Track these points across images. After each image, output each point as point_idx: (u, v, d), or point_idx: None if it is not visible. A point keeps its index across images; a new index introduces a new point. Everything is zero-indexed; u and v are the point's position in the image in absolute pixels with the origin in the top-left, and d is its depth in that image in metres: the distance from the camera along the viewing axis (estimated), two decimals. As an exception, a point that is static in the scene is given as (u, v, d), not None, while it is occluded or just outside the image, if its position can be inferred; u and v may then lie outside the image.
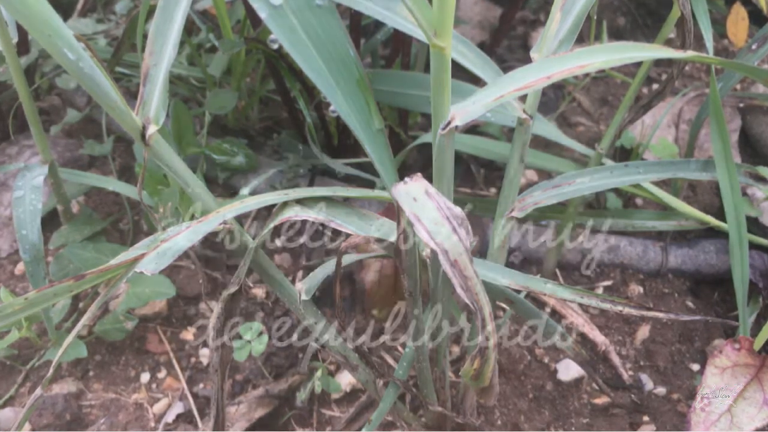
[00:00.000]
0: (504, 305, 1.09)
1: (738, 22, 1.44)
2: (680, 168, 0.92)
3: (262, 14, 0.61)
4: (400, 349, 1.10)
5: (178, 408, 1.04)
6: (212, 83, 1.29)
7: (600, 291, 1.18)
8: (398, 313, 1.14)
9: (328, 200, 0.74)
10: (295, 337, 1.09)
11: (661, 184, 1.16)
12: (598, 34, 1.58)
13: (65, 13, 1.56)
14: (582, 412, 1.03)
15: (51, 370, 0.68)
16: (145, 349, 1.10)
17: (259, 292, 1.17)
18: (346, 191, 0.76)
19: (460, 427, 0.94)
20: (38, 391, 0.68)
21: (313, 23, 0.62)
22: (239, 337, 1.05)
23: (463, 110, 0.58)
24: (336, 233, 1.25)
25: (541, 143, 1.40)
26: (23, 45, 1.29)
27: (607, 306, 0.75)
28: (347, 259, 0.83)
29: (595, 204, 1.29)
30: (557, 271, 1.20)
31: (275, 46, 1.10)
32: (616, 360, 1.08)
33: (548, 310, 1.16)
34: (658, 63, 1.63)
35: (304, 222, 1.19)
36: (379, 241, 0.70)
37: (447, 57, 0.58)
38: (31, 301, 0.62)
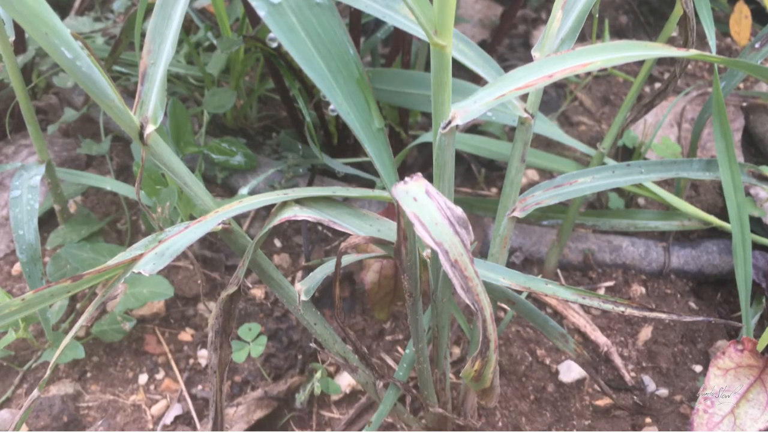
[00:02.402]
0: (505, 306, 1.08)
1: (741, 20, 1.43)
2: (683, 167, 0.92)
3: (261, 12, 0.60)
4: (400, 350, 1.10)
5: (176, 409, 1.03)
6: (210, 82, 1.28)
7: (602, 291, 1.17)
8: (398, 314, 1.13)
9: (328, 200, 0.73)
10: (294, 338, 1.08)
11: (664, 183, 1.16)
12: (600, 32, 1.58)
13: (62, 11, 1.55)
14: (584, 413, 1.02)
15: (48, 372, 0.67)
16: (143, 351, 1.09)
17: (258, 292, 1.16)
18: (345, 191, 0.75)
19: (460, 428, 0.94)
20: (35, 392, 0.67)
21: (312, 21, 0.61)
22: (238, 338, 1.04)
23: (464, 109, 0.58)
24: (336, 233, 1.24)
25: (543, 142, 1.40)
26: (20, 43, 1.29)
27: (609, 307, 0.75)
28: (347, 259, 0.83)
29: (597, 204, 1.29)
30: (558, 271, 1.20)
31: (274, 45, 1.09)
32: (618, 361, 1.07)
33: (549, 311, 1.15)
34: (661, 62, 1.63)
35: (303, 222, 1.19)
36: (379, 241, 0.69)
37: (448, 55, 0.57)
38: (28, 302, 0.62)
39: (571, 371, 1.06)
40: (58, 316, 1.06)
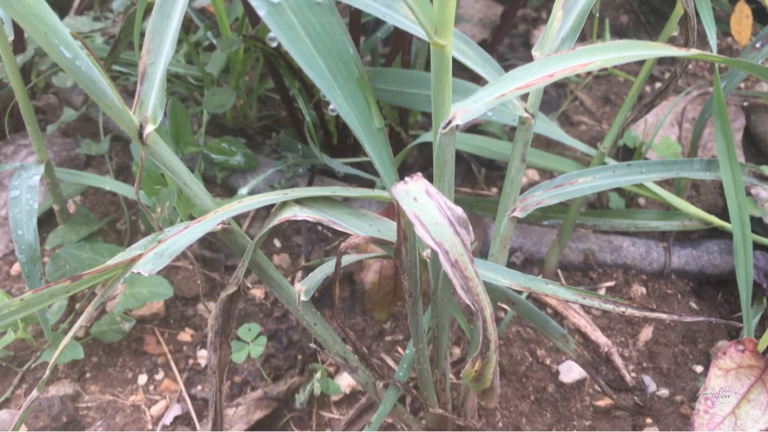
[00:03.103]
0: (505, 306, 1.08)
1: (742, 20, 1.43)
2: (683, 167, 0.91)
3: (261, 12, 0.60)
4: (400, 350, 1.09)
5: (175, 410, 1.03)
6: (210, 82, 1.28)
7: (602, 292, 1.17)
8: (398, 314, 1.13)
9: (328, 200, 0.73)
10: (294, 338, 1.08)
11: (664, 183, 1.15)
12: (601, 32, 1.57)
13: (62, 10, 1.55)
14: (584, 414, 1.02)
15: (47, 372, 0.67)
16: (142, 351, 1.09)
17: (257, 292, 1.16)
18: (345, 191, 0.75)
19: (460, 429, 0.94)
20: (34, 393, 0.67)
21: (312, 21, 0.61)
22: (237, 338, 1.04)
23: (464, 109, 0.58)
24: (336, 233, 1.24)
25: (543, 142, 1.40)
26: (19, 43, 1.28)
27: (609, 307, 0.74)
28: (347, 259, 0.83)
29: (597, 204, 1.29)
30: (559, 271, 1.19)
31: (274, 45, 1.09)
32: (618, 361, 1.07)
33: (550, 311, 1.15)
34: (661, 61, 1.63)
35: (303, 222, 1.18)
36: (379, 241, 0.69)
37: (448, 55, 0.57)
38: (27, 302, 0.61)
39: (571, 372, 1.06)
40: (58, 317, 1.06)
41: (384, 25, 1.29)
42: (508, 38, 1.67)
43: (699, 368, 1.07)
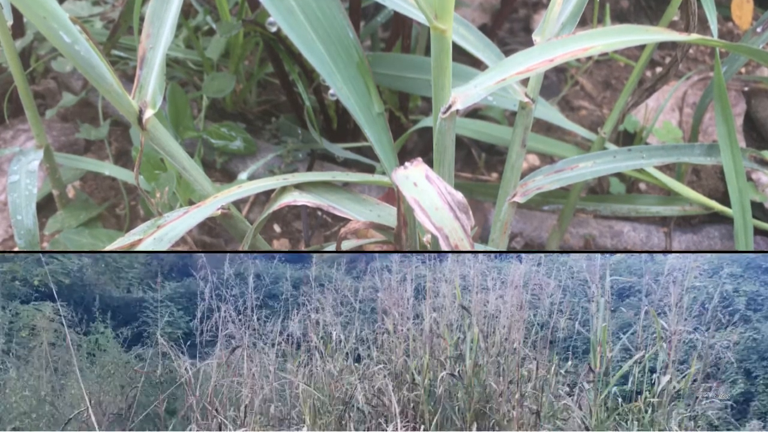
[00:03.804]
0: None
1: (743, 4, 1.42)
2: (684, 152, 0.91)
3: (260, -5, 0.60)
4: (400, 335, 1.10)
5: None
6: (210, 66, 1.27)
7: (601, 276, 1.17)
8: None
9: (328, 185, 0.73)
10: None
11: (665, 168, 1.15)
12: (601, 16, 1.57)
13: (61, -5, 1.54)
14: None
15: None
16: (143, 335, 1.09)
17: (258, 277, 1.16)
18: (345, 176, 0.75)
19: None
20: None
21: (312, 5, 0.61)
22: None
23: (465, 94, 0.58)
24: (335, 218, 1.24)
25: (543, 127, 1.39)
26: (18, 28, 1.28)
27: (609, 292, 0.75)
28: (347, 244, 0.83)
29: (598, 189, 1.28)
30: (558, 256, 1.20)
31: (274, 29, 1.09)
32: (617, 346, 1.07)
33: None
34: (662, 46, 1.62)
35: (303, 207, 1.18)
36: (379, 226, 0.69)
37: (448, 40, 0.57)
38: (26, 288, 0.61)
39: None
40: (59, 301, 1.06)
41: (384, 9, 1.28)
42: (509, 23, 1.66)
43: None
